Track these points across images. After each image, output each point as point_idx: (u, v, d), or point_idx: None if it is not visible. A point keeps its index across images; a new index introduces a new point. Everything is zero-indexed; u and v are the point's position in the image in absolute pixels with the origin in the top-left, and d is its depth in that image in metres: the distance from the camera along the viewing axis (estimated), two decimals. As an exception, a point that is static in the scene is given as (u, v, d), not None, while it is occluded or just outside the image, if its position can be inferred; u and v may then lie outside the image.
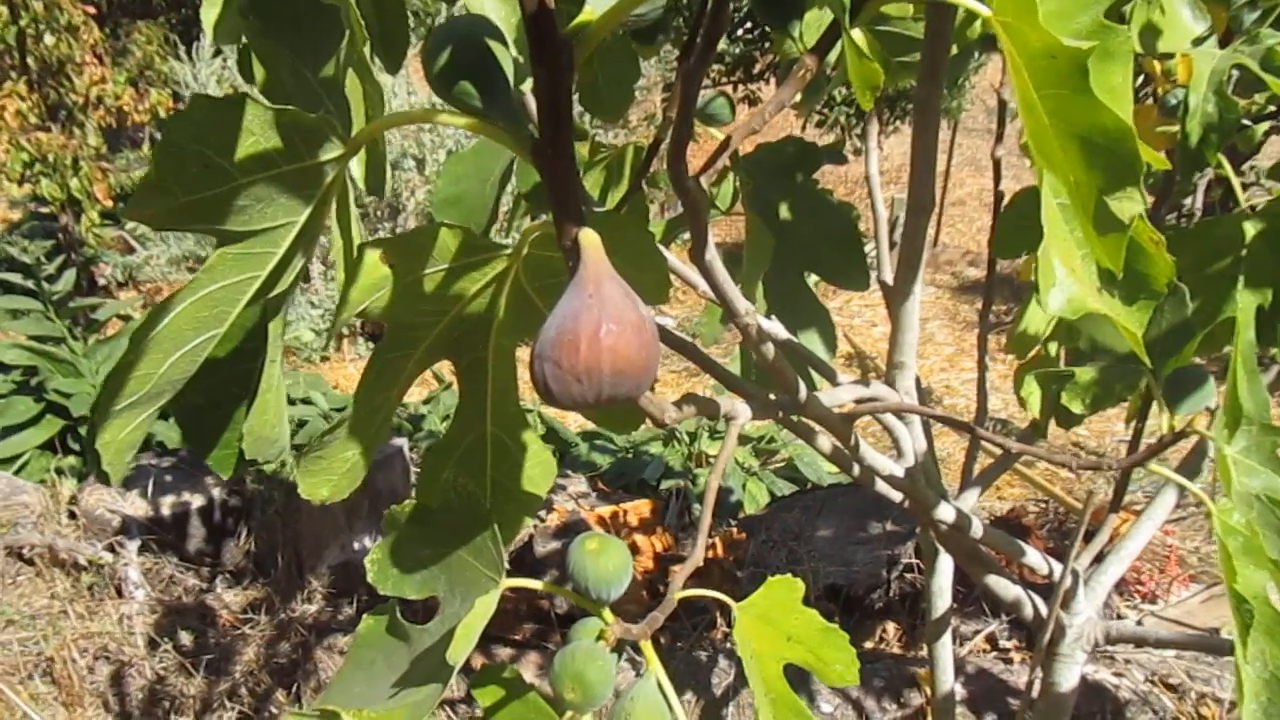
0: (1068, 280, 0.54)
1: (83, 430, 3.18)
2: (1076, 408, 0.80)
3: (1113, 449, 4.35)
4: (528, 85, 0.62)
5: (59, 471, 2.90)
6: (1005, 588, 1.17)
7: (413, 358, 0.60)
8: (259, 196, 0.43)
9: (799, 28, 0.64)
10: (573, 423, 3.79)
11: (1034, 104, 0.49)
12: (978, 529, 1.05)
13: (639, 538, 2.43)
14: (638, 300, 0.44)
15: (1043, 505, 2.91)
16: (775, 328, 1.01)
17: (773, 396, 0.80)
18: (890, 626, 2.28)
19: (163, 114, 5.80)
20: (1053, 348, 1.48)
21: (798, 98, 0.66)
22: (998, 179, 1.35)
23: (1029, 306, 1.34)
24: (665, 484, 3.08)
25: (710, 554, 2.36)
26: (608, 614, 0.52)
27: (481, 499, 0.54)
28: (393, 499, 2.62)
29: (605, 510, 2.49)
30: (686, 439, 3.38)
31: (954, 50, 0.99)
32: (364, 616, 0.61)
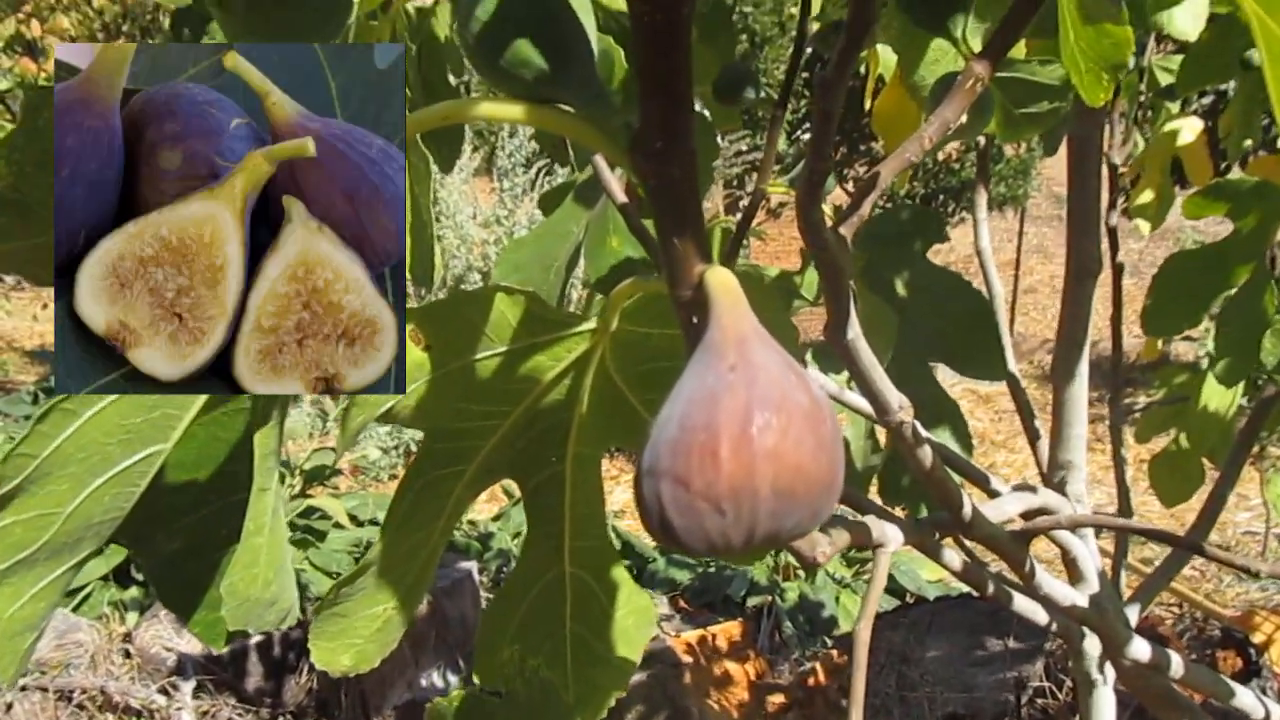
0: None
1: (147, 560, 3.06)
2: (1351, 513, 0.60)
3: (1236, 541, 3.96)
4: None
5: (120, 605, 2.77)
6: (1207, 737, 0.94)
7: (462, 479, 0.43)
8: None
9: (963, 25, 0.48)
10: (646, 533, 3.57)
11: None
12: (1178, 668, 0.84)
13: (730, 665, 2.20)
14: (802, 373, 0.28)
15: (1176, 611, 2.62)
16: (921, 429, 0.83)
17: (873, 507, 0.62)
18: (1023, 763, 2.00)
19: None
20: (1183, 439, 1.29)
21: (963, 118, 0.51)
22: (1115, 249, 1.22)
23: (1206, 383, 1.14)
24: (752, 600, 2.84)
25: (811, 681, 2.11)
26: None
27: (558, 690, 0.36)
28: (462, 629, 2.43)
29: (692, 635, 2.27)
30: (771, 550, 3.14)
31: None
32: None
